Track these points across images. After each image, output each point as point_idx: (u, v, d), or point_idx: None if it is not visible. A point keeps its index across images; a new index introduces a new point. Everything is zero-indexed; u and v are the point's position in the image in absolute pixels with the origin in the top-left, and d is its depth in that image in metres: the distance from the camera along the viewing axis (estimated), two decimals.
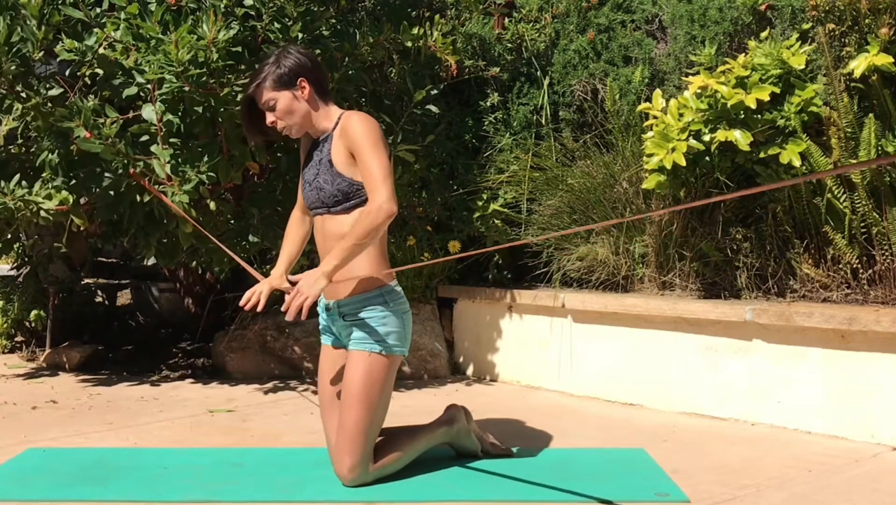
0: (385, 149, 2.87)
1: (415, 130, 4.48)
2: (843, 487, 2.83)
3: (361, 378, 2.85)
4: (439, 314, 4.79)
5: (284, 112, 2.94)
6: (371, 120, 2.89)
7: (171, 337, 5.70)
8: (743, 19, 4.07)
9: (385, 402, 2.90)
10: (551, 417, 3.80)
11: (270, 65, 2.94)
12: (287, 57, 2.95)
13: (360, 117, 2.89)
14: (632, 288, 4.24)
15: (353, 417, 2.83)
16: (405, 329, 2.93)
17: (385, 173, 2.80)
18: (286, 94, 2.92)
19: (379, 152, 2.83)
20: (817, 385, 3.47)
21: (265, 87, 2.93)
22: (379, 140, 2.85)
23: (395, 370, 2.94)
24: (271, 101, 2.93)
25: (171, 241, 4.26)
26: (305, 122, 2.97)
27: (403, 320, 2.93)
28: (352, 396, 2.85)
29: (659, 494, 2.76)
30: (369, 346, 2.87)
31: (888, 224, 3.57)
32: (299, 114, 2.94)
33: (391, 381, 2.92)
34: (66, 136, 3.88)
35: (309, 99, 2.94)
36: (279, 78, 2.92)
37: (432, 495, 2.77)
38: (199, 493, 2.79)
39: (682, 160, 3.70)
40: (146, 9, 3.92)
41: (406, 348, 2.95)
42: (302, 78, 2.93)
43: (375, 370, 2.86)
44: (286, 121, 2.95)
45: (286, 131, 2.98)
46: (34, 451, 3.27)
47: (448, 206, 4.76)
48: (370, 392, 2.84)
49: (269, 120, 2.96)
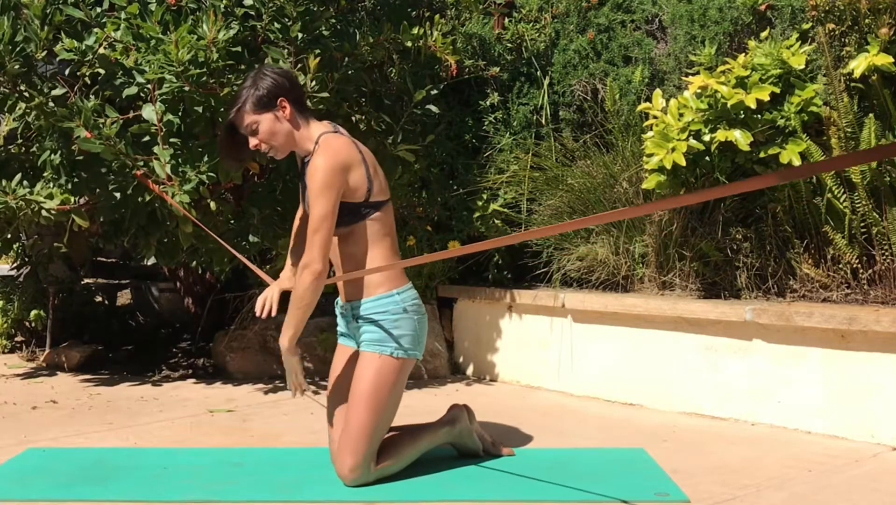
0: (333, 192, 2.78)
1: (415, 130, 4.48)
2: (843, 487, 2.83)
3: (371, 379, 2.85)
4: (439, 314, 4.79)
5: (268, 134, 2.88)
6: (330, 158, 2.80)
7: (171, 337, 5.69)
8: (743, 19, 4.07)
9: (393, 405, 2.90)
10: (551, 417, 3.80)
11: (248, 88, 2.89)
12: (263, 78, 2.89)
13: (322, 156, 2.81)
14: (632, 288, 4.24)
15: (359, 417, 2.83)
16: (419, 332, 2.92)
17: (315, 227, 2.76)
18: (268, 115, 2.87)
19: (322, 199, 2.77)
20: (817, 385, 3.47)
21: (245, 112, 2.88)
22: (326, 187, 2.77)
23: (407, 374, 2.93)
24: (253, 125, 2.88)
25: (172, 241, 4.26)
26: (289, 142, 2.92)
27: (418, 323, 2.91)
28: (359, 396, 2.84)
29: (659, 494, 2.76)
30: (380, 348, 2.86)
31: (888, 224, 3.57)
32: (282, 134, 2.89)
33: (401, 384, 2.92)
34: (68, 137, 3.88)
35: (291, 118, 2.89)
36: (259, 100, 2.87)
37: (433, 495, 2.77)
38: (199, 493, 2.79)
39: (682, 160, 3.70)
40: (146, 9, 3.93)
41: (420, 352, 2.94)
42: (282, 98, 2.87)
43: (385, 372, 2.86)
44: (270, 142, 2.90)
45: (271, 153, 2.93)
46: (34, 451, 3.27)
47: (448, 206, 4.76)
48: (378, 394, 2.84)
49: (253, 144, 2.91)
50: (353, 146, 2.90)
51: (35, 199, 3.92)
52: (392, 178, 4.46)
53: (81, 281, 5.80)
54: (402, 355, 2.88)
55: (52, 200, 3.95)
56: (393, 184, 4.49)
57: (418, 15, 4.92)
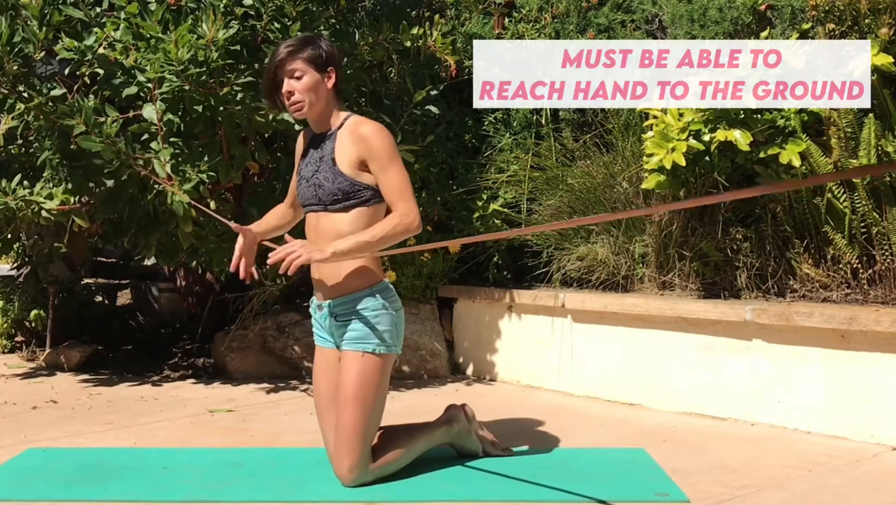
0: (398, 155, 2.89)
1: (415, 130, 4.48)
2: (843, 487, 2.83)
3: (356, 378, 2.84)
4: (439, 314, 4.78)
5: (308, 88, 2.88)
6: (389, 134, 2.89)
7: (171, 337, 5.69)
8: (743, 19, 4.07)
9: (381, 401, 2.90)
10: (551, 417, 3.79)
11: (307, 42, 2.91)
12: (322, 41, 2.93)
13: (378, 128, 2.88)
14: (632, 288, 4.24)
15: (350, 417, 2.83)
16: (398, 327, 2.93)
17: (411, 190, 2.85)
18: (315, 74, 2.89)
19: (402, 168, 2.86)
20: (817, 385, 3.47)
21: (300, 57, 2.88)
22: (398, 155, 2.87)
23: (390, 369, 2.93)
24: (298, 73, 2.88)
25: (171, 241, 4.26)
26: (322, 108, 2.92)
27: (396, 318, 2.92)
28: (347, 397, 2.84)
29: (659, 493, 2.76)
30: (362, 345, 2.86)
31: (888, 224, 3.57)
32: (320, 97, 2.90)
33: (386, 379, 2.92)
34: (68, 136, 3.88)
35: (330, 90, 2.92)
36: (315, 57, 2.89)
37: (432, 495, 2.77)
38: (199, 493, 2.79)
39: (681, 160, 3.69)
40: (146, 8, 3.93)
41: (399, 346, 2.95)
42: (332, 67, 2.91)
43: (369, 370, 2.85)
44: (306, 96, 2.89)
45: (299, 107, 2.90)
46: (34, 451, 3.27)
47: (448, 206, 4.76)
48: (365, 392, 2.84)
49: (288, 87, 2.89)
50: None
51: (35, 200, 3.92)
52: None
53: (81, 281, 5.80)
54: (384, 351, 2.87)
55: (51, 201, 3.95)
56: None
57: (418, 15, 4.93)
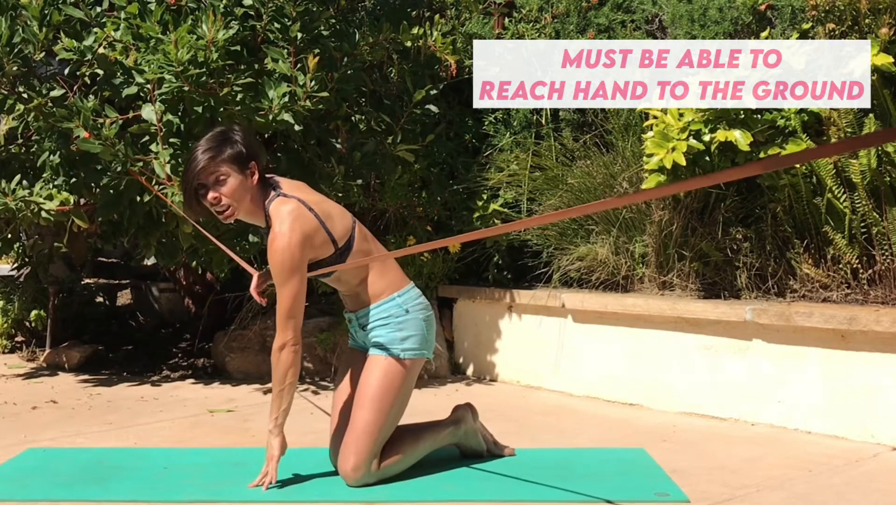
0: (298, 273, 2.69)
1: (415, 130, 4.48)
2: (842, 487, 2.83)
3: (377, 381, 2.85)
4: (439, 314, 4.78)
5: (233, 192, 2.71)
6: (288, 246, 2.67)
7: (171, 337, 5.69)
8: (743, 19, 4.07)
9: (400, 406, 2.89)
10: (551, 417, 3.80)
11: (224, 141, 2.72)
12: (237, 134, 2.75)
13: (275, 244, 2.68)
14: (632, 288, 4.24)
15: (365, 417, 2.83)
16: (427, 332, 2.91)
17: (290, 315, 2.69)
18: (238, 175, 2.71)
19: (292, 286, 2.68)
20: (817, 385, 3.47)
21: (221, 160, 2.69)
22: (293, 272, 2.68)
23: (415, 375, 2.93)
24: (223, 176, 2.70)
25: (171, 241, 4.26)
26: (249, 207, 2.76)
27: (424, 323, 2.91)
28: (366, 397, 2.84)
29: (659, 493, 2.76)
30: (386, 351, 2.87)
31: (888, 224, 3.57)
32: (246, 199, 2.74)
33: (409, 385, 2.91)
34: (68, 137, 3.88)
35: (254, 186, 2.75)
36: (237, 156, 2.70)
37: (432, 495, 2.77)
38: (199, 493, 2.79)
39: (681, 160, 3.69)
40: (146, 8, 3.92)
41: (429, 350, 2.94)
42: (253, 162, 2.74)
43: (391, 374, 2.85)
44: (231, 202, 2.72)
45: (228, 213, 2.74)
46: (34, 451, 3.27)
47: (448, 205, 4.76)
48: (384, 396, 2.84)
49: (212, 196, 2.71)
50: (302, 208, 2.73)
51: (34, 200, 3.92)
52: (392, 178, 4.47)
53: (81, 281, 5.80)
54: (409, 356, 2.87)
55: (51, 201, 3.95)
56: (393, 184, 4.50)
57: (418, 15, 4.92)
